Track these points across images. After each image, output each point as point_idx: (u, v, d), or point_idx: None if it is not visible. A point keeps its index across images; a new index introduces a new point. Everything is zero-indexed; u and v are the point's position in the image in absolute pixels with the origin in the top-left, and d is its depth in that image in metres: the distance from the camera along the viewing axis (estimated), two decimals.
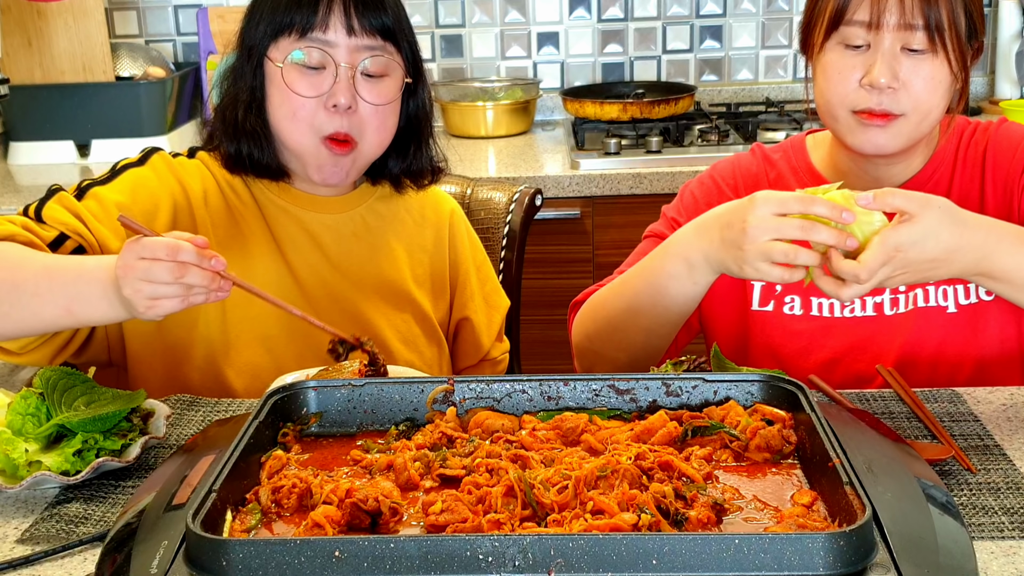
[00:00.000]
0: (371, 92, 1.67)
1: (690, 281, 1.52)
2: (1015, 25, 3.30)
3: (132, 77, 3.24)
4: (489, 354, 1.93)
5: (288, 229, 1.75)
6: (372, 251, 1.80)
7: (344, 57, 1.65)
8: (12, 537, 1.21)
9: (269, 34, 1.68)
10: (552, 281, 2.62)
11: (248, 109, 1.70)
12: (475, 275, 1.91)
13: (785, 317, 1.70)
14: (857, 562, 0.96)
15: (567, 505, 1.08)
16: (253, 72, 1.69)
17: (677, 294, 1.54)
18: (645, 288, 1.58)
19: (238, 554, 0.96)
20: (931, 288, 1.65)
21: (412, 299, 1.82)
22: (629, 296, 1.61)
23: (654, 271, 1.57)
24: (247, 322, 1.69)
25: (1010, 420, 1.44)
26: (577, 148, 3.07)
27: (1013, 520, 1.18)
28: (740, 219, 1.40)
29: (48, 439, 1.36)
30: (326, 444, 1.29)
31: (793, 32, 3.54)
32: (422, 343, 1.82)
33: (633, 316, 1.60)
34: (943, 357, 1.66)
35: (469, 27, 3.53)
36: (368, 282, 1.78)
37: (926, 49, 1.55)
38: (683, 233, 1.53)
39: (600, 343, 1.67)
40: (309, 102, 1.65)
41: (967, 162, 1.69)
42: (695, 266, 1.50)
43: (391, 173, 1.80)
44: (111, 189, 1.65)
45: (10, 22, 3.13)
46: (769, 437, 1.21)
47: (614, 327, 1.63)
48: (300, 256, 1.74)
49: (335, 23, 1.65)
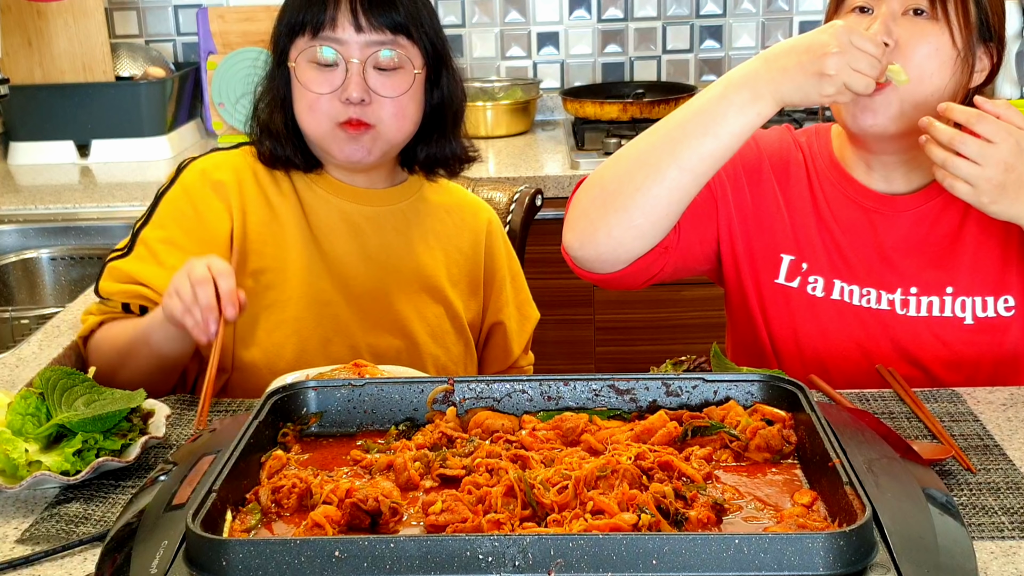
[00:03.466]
0: (384, 85, 1.72)
1: (753, 111, 1.50)
2: (1015, 25, 3.30)
3: (132, 77, 3.24)
4: (518, 362, 1.96)
5: (327, 218, 1.80)
6: (410, 246, 1.84)
7: (355, 53, 1.70)
8: (12, 537, 1.21)
9: (287, 35, 1.75)
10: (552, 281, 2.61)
11: (275, 108, 1.78)
12: (510, 283, 1.95)
13: (807, 296, 1.70)
14: (857, 562, 0.96)
15: (567, 505, 1.08)
16: (277, 72, 1.78)
17: (735, 123, 1.51)
18: (696, 117, 1.53)
19: (238, 554, 0.96)
20: (948, 299, 1.65)
21: (445, 296, 1.85)
22: (673, 127, 1.55)
23: (712, 100, 1.53)
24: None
25: (1010, 420, 1.44)
26: (577, 148, 3.07)
27: (1013, 520, 1.18)
28: (822, 43, 1.44)
29: (48, 439, 1.36)
30: (326, 444, 1.29)
31: (793, 32, 3.54)
32: (450, 339, 1.85)
33: (672, 145, 1.54)
34: (958, 365, 1.66)
35: (469, 27, 3.53)
36: (403, 274, 1.82)
37: (927, 13, 1.55)
38: (750, 66, 1.51)
39: (614, 186, 1.58)
40: (324, 96, 1.71)
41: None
42: (761, 96, 1.49)
43: (419, 159, 1.85)
44: (154, 227, 1.76)
45: (10, 22, 3.13)
46: (769, 437, 1.21)
47: (644, 160, 1.56)
48: (336, 244, 1.79)
49: (343, 21, 1.70)
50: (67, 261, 2.66)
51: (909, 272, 1.66)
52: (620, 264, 1.60)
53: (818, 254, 1.69)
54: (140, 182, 2.95)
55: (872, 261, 1.68)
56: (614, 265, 1.60)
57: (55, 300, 2.64)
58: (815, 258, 1.69)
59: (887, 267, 1.67)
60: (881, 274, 1.67)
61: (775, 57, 1.49)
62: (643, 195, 1.54)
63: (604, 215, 1.57)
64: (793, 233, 1.70)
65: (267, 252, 1.76)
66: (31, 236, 2.74)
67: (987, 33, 1.59)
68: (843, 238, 1.69)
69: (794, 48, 1.48)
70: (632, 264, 1.60)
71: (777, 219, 1.71)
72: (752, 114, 1.50)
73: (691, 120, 1.53)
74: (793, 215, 1.71)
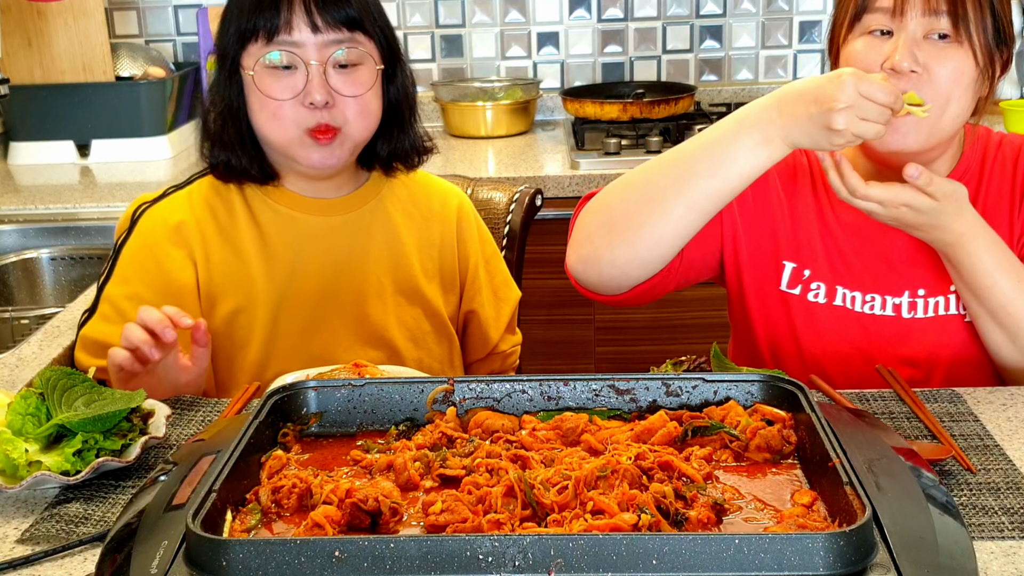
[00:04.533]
0: (346, 84, 1.69)
1: (764, 154, 1.50)
2: (1015, 25, 3.30)
3: (132, 77, 3.24)
4: (498, 347, 1.93)
5: (292, 239, 1.76)
6: (380, 249, 1.80)
7: (313, 55, 1.66)
8: (12, 537, 1.21)
9: (238, 41, 1.69)
10: (552, 281, 2.61)
11: (229, 118, 1.72)
12: (484, 268, 1.91)
13: (808, 304, 1.70)
14: (857, 562, 0.96)
15: (567, 505, 1.08)
16: (229, 81, 1.71)
17: (745, 164, 1.51)
18: (705, 156, 1.53)
19: (238, 554, 0.96)
20: (952, 297, 1.65)
21: (422, 294, 1.83)
22: (682, 164, 1.55)
23: (723, 139, 1.52)
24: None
25: (1010, 420, 1.44)
26: (577, 148, 3.07)
27: (1013, 520, 1.18)
28: (830, 96, 1.43)
29: (48, 439, 1.35)
30: (326, 444, 1.29)
31: (793, 32, 3.55)
32: (431, 340, 1.83)
33: (680, 183, 1.54)
34: (959, 366, 1.66)
35: (469, 27, 3.53)
36: (376, 280, 1.79)
37: (950, 37, 1.53)
38: (762, 108, 1.50)
39: (620, 217, 1.59)
40: (287, 102, 1.67)
41: (994, 174, 1.67)
42: (771, 140, 1.49)
43: (380, 156, 1.81)
44: (116, 282, 1.72)
45: (10, 22, 3.12)
46: (769, 437, 1.21)
47: (651, 195, 1.56)
48: (304, 263, 1.75)
49: (298, 23, 1.66)
50: (67, 261, 2.66)
51: (918, 274, 1.66)
52: (623, 289, 1.63)
53: (820, 261, 1.69)
54: (140, 182, 2.95)
55: (878, 266, 1.67)
56: (617, 289, 1.63)
57: (55, 300, 2.64)
58: (817, 265, 1.69)
59: (894, 271, 1.67)
60: (888, 279, 1.67)
61: (787, 102, 1.47)
62: (648, 230, 1.56)
63: (608, 244, 1.59)
64: (796, 240, 1.70)
65: (235, 293, 1.73)
66: (31, 236, 2.74)
67: (1002, 39, 1.58)
68: (848, 244, 1.68)
69: (803, 96, 1.46)
70: (635, 288, 1.63)
71: (781, 227, 1.71)
72: (763, 157, 1.50)
73: (701, 158, 1.53)
74: (797, 222, 1.71)
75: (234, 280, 1.73)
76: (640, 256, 1.58)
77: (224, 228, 1.75)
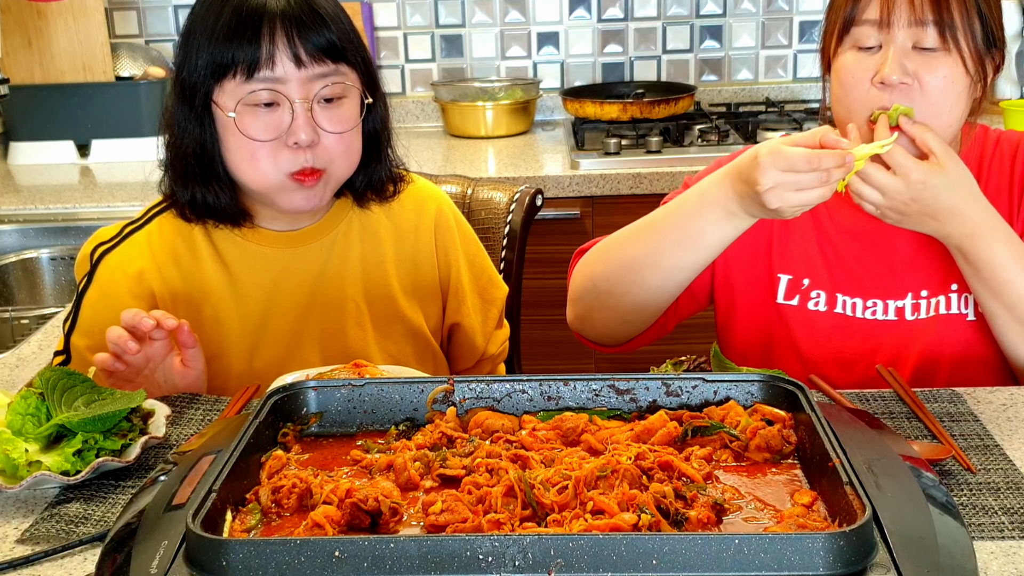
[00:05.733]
0: (331, 121, 1.59)
1: (731, 226, 1.53)
2: (1015, 25, 3.30)
3: (132, 77, 3.24)
4: (486, 352, 1.88)
5: (257, 275, 1.68)
6: (356, 269, 1.73)
7: (297, 92, 1.55)
8: (12, 537, 1.21)
9: (210, 75, 1.55)
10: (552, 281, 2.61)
11: (196, 156, 1.59)
12: (467, 273, 1.84)
13: (809, 312, 1.70)
14: (857, 562, 0.96)
15: (567, 505, 1.08)
16: (200, 118, 1.58)
17: (714, 237, 1.54)
18: (674, 230, 1.57)
19: (238, 554, 0.96)
20: (953, 296, 1.65)
21: (402, 314, 1.76)
22: (654, 237, 1.59)
23: (689, 215, 1.55)
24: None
25: (1010, 420, 1.43)
26: (577, 148, 3.07)
27: (1013, 520, 1.18)
28: (753, 180, 1.44)
29: (48, 439, 1.36)
30: (326, 444, 1.29)
31: (793, 32, 3.55)
32: (413, 363, 1.76)
33: (654, 256, 1.58)
34: (963, 364, 1.65)
35: (469, 27, 3.53)
36: (355, 306, 1.73)
37: (938, 47, 1.52)
38: (719, 183, 1.52)
39: (604, 287, 1.63)
40: (267, 143, 1.56)
41: (992, 171, 1.67)
42: (734, 214, 1.51)
43: (354, 188, 1.72)
44: (81, 334, 1.65)
45: (10, 22, 3.13)
46: (769, 437, 1.21)
47: (629, 267, 1.60)
48: (275, 299, 1.69)
49: (281, 57, 1.53)
50: (67, 261, 2.67)
51: (920, 275, 1.66)
52: (620, 342, 1.71)
53: (819, 269, 1.69)
54: (140, 182, 2.95)
55: (880, 270, 1.67)
56: (615, 343, 1.72)
57: (55, 300, 2.64)
58: (816, 273, 1.69)
59: (896, 275, 1.67)
60: (890, 282, 1.67)
61: (732, 182, 1.50)
62: (632, 298, 1.63)
63: (599, 309, 1.67)
64: (792, 251, 1.70)
65: (204, 343, 1.61)
66: (31, 236, 2.74)
67: (991, 42, 1.57)
68: (848, 250, 1.68)
69: (740, 175, 1.47)
70: (633, 340, 1.71)
71: (775, 241, 1.71)
72: (729, 229, 1.54)
73: (669, 232, 1.57)
74: (792, 233, 1.70)
75: (201, 329, 1.62)
76: (628, 319, 1.66)
77: (188, 274, 1.67)
